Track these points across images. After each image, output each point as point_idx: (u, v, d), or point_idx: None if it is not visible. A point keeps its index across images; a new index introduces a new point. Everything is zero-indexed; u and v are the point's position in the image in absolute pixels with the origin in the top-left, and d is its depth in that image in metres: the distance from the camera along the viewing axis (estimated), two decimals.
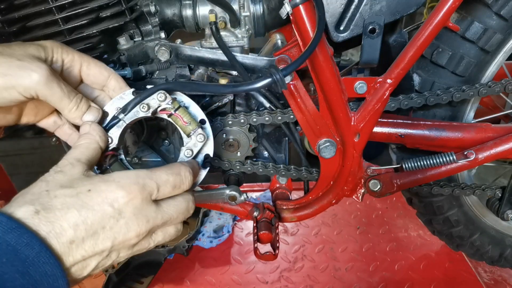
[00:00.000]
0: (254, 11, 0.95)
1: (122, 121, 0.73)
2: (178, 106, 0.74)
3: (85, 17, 0.84)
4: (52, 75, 0.62)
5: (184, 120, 0.75)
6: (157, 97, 0.72)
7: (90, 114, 0.68)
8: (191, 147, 0.78)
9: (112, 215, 0.55)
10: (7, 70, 0.58)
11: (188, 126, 0.76)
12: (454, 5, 0.82)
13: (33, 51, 0.62)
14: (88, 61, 0.70)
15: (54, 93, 0.62)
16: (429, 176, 1.05)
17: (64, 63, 0.67)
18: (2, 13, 0.82)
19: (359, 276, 1.49)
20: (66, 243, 0.51)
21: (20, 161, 2.87)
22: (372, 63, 0.93)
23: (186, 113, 0.75)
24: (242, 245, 1.66)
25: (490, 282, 1.47)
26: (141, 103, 0.72)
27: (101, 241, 0.54)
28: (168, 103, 0.73)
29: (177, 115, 0.74)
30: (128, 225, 0.56)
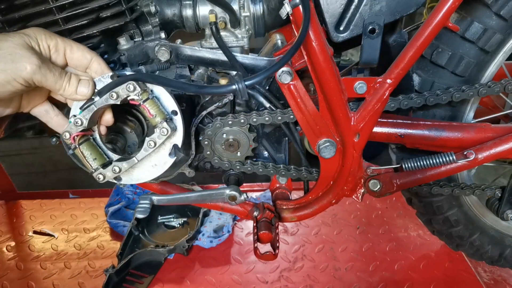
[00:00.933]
0: (254, 11, 0.95)
1: (93, 105, 0.76)
2: (147, 98, 0.77)
3: (86, 17, 0.85)
4: (43, 62, 0.67)
5: (150, 112, 0.78)
6: (126, 88, 0.75)
7: (82, 86, 0.74)
8: (154, 138, 0.81)
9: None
10: (4, 66, 0.63)
11: (154, 118, 0.79)
12: (454, 5, 0.82)
13: (20, 41, 0.66)
14: (71, 45, 0.74)
15: (48, 78, 0.68)
16: (429, 176, 1.05)
17: (50, 48, 0.71)
18: (3, 13, 0.82)
19: (359, 276, 1.49)
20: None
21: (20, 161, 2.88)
22: (372, 63, 0.93)
23: (154, 105, 0.78)
24: (242, 245, 1.66)
25: (490, 282, 1.47)
26: (110, 91, 0.75)
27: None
28: (136, 94, 0.76)
29: (144, 106, 0.78)
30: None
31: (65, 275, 1.52)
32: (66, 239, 1.71)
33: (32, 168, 2.88)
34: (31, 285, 1.48)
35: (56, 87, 0.71)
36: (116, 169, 0.82)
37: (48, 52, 0.71)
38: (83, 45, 0.75)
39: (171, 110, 0.82)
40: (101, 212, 1.87)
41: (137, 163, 0.83)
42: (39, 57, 0.66)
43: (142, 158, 0.82)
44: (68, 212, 1.90)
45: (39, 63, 0.66)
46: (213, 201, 1.01)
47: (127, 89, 0.76)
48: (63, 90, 0.72)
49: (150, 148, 0.81)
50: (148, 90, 0.79)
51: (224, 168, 1.05)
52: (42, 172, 2.87)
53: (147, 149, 0.81)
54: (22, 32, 0.68)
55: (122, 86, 0.76)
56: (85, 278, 1.50)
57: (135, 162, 0.82)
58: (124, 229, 1.69)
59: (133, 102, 0.77)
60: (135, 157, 0.82)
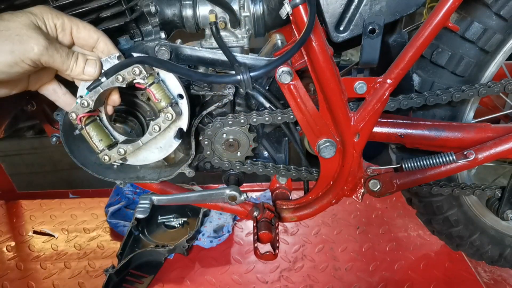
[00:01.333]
0: (254, 11, 0.95)
1: (100, 87, 0.76)
2: (152, 82, 0.77)
3: (86, 17, 0.84)
4: (50, 43, 0.67)
5: (156, 97, 0.78)
6: (132, 71, 0.75)
7: (89, 66, 0.74)
8: (159, 123, 0.82)
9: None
10: (12, 47, 0.63)
11: (159, 103, 0.79)
12: (454, 5, 0.82)
13: (26, 21, 0.66)
14: (77, 24, 0.73)
15: (55, 59, 0.68)
16: (429, 176, 1.05)
17: (57, 27, 0.71)
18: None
19: (359, 276, 1.49)
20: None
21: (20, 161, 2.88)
22: (372, 63, 0.93)
23: (159, 90, 0.78)
24: (242, 245, 1.66)
25: (489, 282, 1.47)
26: (116, 73, 0.75)
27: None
28: (142, 78, 0.76)
29: (150, 91, 0.78)
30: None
31: (65, 275, 1.52)
32: (66, 239, 1.71)
33: (32, 168, 2.88)
34: (31, 285, 1.48)
35: (63, 68, 0.70)
36: (121, 151, 0.83)
37: (55, 31, 0.70)
38: (90, 24, 0.74)
39: (177, 94, 0.82)
40: (101, 212, 1.87)
41: (142, 146, 0.83)
42: (46, 38, 0.66)
43: (147, 142, 0.83)
44: (68, 212, 1.90)
45: (46, 44, 0.66)
46: (213, 201, 1.01)
47: (133, 73, 0.75)
48: (70, 70, 0.72)
49: (155, 132, 0.81)
50: (154, 74, 0.79)
51: (224, 168, 1.05)
52: (42, 172, 2.87)
53: (152, 133, 0.82)
54: (29, 11, 0.67)
55: (128, 69, 0.75)
56: (85, 278, 1.50)
57: (140, 145, 0.83)
58: (124, 229, 1.69)
59: (139, 85, 0.77)
60: (140, 140, 0.83)
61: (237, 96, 1.00)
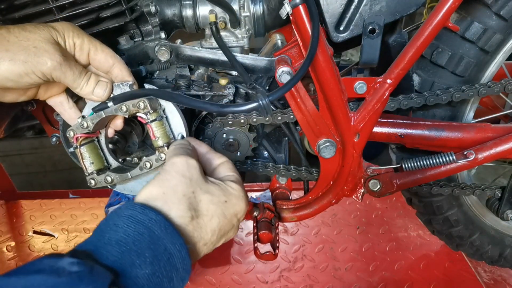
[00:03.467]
0: (254, 11, 0.95)
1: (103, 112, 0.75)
2: (154, 118, 0.75)
3: (86, 17, 0.85)
4: (65, 60, 0.67)
5: (154, 134, 0.76)
6: (137, 104, 0.73)
7: (99, 87, 0.74)
8: (151, 160, 0.78)
9: (235, 225, 0.63)
10: (26, 58, 0.63)
11: (156, 141, 0.76)
12: (454, 5, 0.82)
13: (47, 35, 0.66)
14: (96, 47, 0.73)
15: (67, 76, 0.68)
16: (429, 176, 1.05)
17: (76, 45, 0.71)
18: (3, 13, 0.83)
19: (359, 276, 1.49)
20: (202, 245, 0.57)
21: (20, 161, 2.88)
22: (372, 63, 0.93)
23: (160, 127, 0.76)
24: (242, 245, 1.66)
25: (489, 282, 1.47)
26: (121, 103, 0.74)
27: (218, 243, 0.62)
28: (145, 113, 0.74)
29: (150, 127, 0.75)
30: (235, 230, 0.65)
31: None
32: (66, 239, 1.71)
33: (32, 168, 2.88)
34: None
35: (74, 85, 0.71)
36: (109, 179, 0.80)
37: (73, 49, 0.71)
38: (109, 48, 0.74)
39: (178, 133, 0.79)
40: (101, 212, 1.87)
41: (130, 178, 0.81)
42: (62, 54, 0.66)
43: (137, 176, 0.80)
44: (68, 212, 1.90)
45: (61, 60, 0.66)
46: None
47: (137, 106, 0.74)
48: (80, 89, 0.72)
49: (146, 169, 0.78)
50: (159, 110, 0.77)
51: None
52: (42, 172, 2.87)
53: (142, 168, 0.79)
54: (52, 26, 0.68)
55: (134, 101, 0.74)
56: None
57: (128, 177, 0.81)
58: None
59: (141, 119, 0.76)
60: (130, 173, 0.80)
61: (237, 96, 1.00)
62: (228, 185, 0.64)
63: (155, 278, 0.48)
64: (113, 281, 0.44)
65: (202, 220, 0.56)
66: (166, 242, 0.50)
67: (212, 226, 0.58)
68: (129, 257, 0.47)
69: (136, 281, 0.46)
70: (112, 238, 0.49)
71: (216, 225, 0.58)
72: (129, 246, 0.48)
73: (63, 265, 0.45)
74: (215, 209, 0.58)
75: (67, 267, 0.44)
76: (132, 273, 0.47)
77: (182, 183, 0.57)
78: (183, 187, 0.57)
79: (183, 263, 0.52)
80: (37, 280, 0.42)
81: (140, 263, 0.47)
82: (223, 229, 0.60)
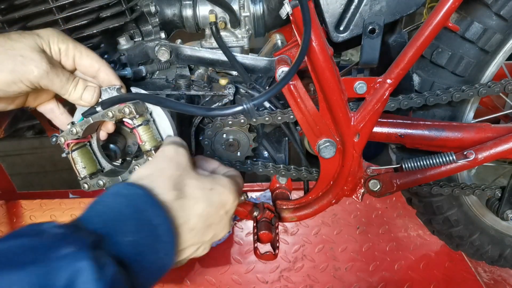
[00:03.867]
0: (254, 11, 0.95)
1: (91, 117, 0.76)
2: (140, 123, 0.75)
3: (86, 17, 0.85)
4: (52, 68, 0.67)
5: (141, 139, 0.76)
6: (122, 110, 0.73)
7: (87, 92, 0.74)
8: (140, 164, 0.79)
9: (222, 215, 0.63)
10: (13, 67, 0.63)
11: (143, 145, 0.77)
12: (454, 5, 0.82)
13: (32, 43, 0.66)
14: (81, 52, 0.73)
15: (54, 83, 0.68)
16: (429, 176, 1.05)
17: (61, 51, 0.71)
18: (2, 13, 0.82)
19: (359, 276, 1.49)
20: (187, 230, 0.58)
21: (20, 161, 2.87)
22: (372, 63, 0.93)
23: (146, 131, 0.76)
24: (242, 245, 1.66)
25: (489, 282, 1.47)
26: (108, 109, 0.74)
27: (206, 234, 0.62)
28: (131, 118, 0.74)
29: (136, 131, 0.76)
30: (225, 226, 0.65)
31: None
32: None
33: (32, 168, 2.88)
34: None
35: (62, 92, 0.71)
36: (101, 183, 0.80)
37: (59, 55, 0.71)
38: (94, 53, 0.74)
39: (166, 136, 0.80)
40: None
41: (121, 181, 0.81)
42: (49, 62, 0.66)
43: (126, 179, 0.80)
44: (68, 212, 1.90)
45: (47, 68, 0.66)
46: None
47: (123, 111, 0.74)
48: (68, 95, 0.72)
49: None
50: (145, 115, 0.77)
51: None
52: (42, 172, 2.86)
53: (131, 171, 0.79)
54: (36, 33, 0.68)
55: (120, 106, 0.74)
56: None
57: (119, 181, 0.81)
58: None
59: (127, 124, 0.76)
60: (120, 177, 0.81)
61: (237, 96, 1.00)
62: (217, 177, 0.66)
63: (139, 247, 0.50)
64: (95, 243, 0.45)
65: (187, 202, 0.58)
66: (149, 214, 0.52)
67: (197, 211, 0.59)
68: (113, 225, 0.49)
69: (119, 247, 0.48)
70: (97, 210, 0.52)
71: (202, 210, 0.59)
72: (113, 216, 0.50)
73: (45, 228, 0.46)
74: (201, 194, 0.60)
75: (49, 229, 0.46)
76: (114, 239, 0.48)
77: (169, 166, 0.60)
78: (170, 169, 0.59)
79: (168, 235, 0.53)
80: (18, 243, 0.43)
81: (123, 231, 0.49)
82: (209, 218, 0.60)
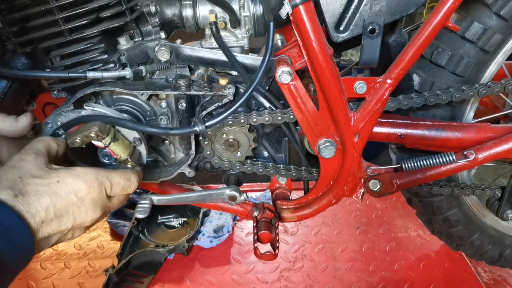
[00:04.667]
0: (254, 11, 0.95)
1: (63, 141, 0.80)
2: (110, 141, 0.81)
3: (86, 17, 0.84)
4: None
5: (115, 154, 0.83)
6: (89, 135, 0.78)
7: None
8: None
9: (75, 203, 0.68)
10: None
11: (119, 158, 0.83)
12: (454, 5, 0.82)
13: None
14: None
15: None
16: (429, 176, 1.05)
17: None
18: (2, 13, 0.82)
19: (359, 276, 1.49)
20: (38, 222, 0.63)
21: None
22: (372, 63, 0.93)
23: (117, 145, 0.82)
24: (242, 245, 1.66)
25: (489, 282, 1.47)
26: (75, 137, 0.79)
27: (64, 223, 0.67)
28: (99, 140, 0.79)
29: (109, 149, 0.82)
30: (87, 212, 0.70)
31: (65, 275, 1.52)
32: None
33: None
34: (31, 285, 1.47)
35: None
36: None
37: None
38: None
39: (133, 138, 0.86)
40: None
41: None
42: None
43: None
44: None
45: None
46: (213, 201, 1.01)
47: (90, 136, 0.78)
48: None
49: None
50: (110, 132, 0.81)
51: (224, 168, 1.05)
52: None
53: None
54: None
55: (85, 132, 0.78)
56: (85, 278, 1.50)
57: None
58: (124, 229, 1.69)
59: (97, 145, 0.81)
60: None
61: (237, 96, 1.00)
62: (71, 168, 0.71)
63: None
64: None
65: (29, 198, 0.62)
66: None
67: (43, 204, 0.63)
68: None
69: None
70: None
71: (48, 203, 0.64)
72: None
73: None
74: (44, 190, 0.64)
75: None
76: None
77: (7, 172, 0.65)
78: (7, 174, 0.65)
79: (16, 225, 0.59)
80: None
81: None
82: (58, 206, 0.65)
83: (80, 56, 0.89)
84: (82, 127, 0.81)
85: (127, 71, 0.89)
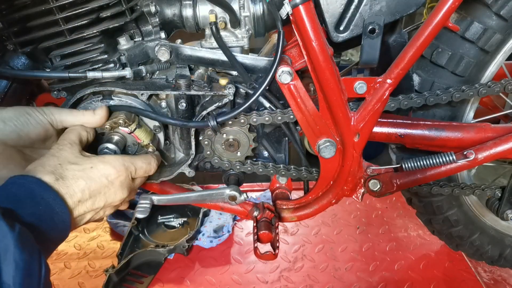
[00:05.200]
0: (254, 11, 0.95)
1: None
2: (135, 128, 0.91)
3: (86, 17, 0.85)
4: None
5: (139, 139, 0.93)
6: (118, 121, 0.88)
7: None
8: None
9: (106, 185, 0.78)
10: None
11: (142, 143, 0.94)
12: (454, 5, 0.82)
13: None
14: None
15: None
16: (429, 176, 1.05)
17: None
18: (3, 13, 0.82)
19: (359, 276, 1.49)
20: (76, 201, 0.73)
21: None
22: (372, 63, 0.93)
23: (141, 132, 0.92)
24: (242, 245, 1.66)
25: (489, 282, 1.47)
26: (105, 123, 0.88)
27: (97, 202, 0.77)
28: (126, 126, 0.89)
29: (134, 135, 0.92)
30: (116, 193, 0.80)
31: (65, 275, 1.52)
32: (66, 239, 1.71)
33: None
34: None
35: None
36: None
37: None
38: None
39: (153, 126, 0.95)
40: None
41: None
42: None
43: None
44: None
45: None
46: (213, 201, 1.01)
47: (118, 123, 0.87)
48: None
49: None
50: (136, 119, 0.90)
51: (224, 168, 1.05)
52: None
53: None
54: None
55: (114, 119, 0.87)
56: (85, 278, 1.50)
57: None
58: (124, 229, 1.69)
59: (124, 131, 0.90)
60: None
61: (237, 96, 1.00)
62: (101, 156, 0.82)
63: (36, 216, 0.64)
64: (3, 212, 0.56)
65: (68, 182, 0.72)
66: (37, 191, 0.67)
67: (80, 186, 0.73)
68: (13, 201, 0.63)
69: (21, 217, 0.62)
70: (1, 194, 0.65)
71: (84, 185, 0.73)
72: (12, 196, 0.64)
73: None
74: (80, 174, 0.74)
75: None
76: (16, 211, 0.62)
77: (49, 160, 0.74)
78: (49, 161, 0.74)
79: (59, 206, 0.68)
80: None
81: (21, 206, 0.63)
82: (93, 188, 0.75)
83: (80, 56, 0.89)
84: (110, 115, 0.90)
85: (127, 71, 0.89)
